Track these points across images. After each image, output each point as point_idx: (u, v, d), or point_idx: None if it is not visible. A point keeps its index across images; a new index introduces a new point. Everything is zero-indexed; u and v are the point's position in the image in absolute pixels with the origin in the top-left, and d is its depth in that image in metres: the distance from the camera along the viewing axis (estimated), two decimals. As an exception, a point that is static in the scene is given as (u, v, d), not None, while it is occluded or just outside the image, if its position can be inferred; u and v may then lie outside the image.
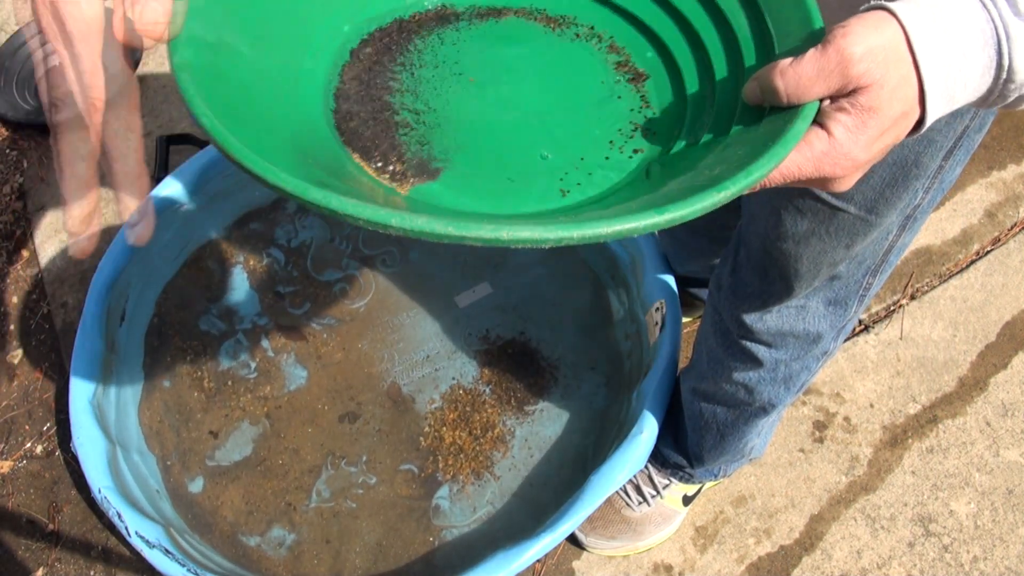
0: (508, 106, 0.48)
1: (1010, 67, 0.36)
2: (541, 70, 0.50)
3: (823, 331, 0.78)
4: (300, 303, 1.28)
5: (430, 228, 0.31)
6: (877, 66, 0.35)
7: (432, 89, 0.49)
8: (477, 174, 0.44)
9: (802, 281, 0.71)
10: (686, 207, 0.33)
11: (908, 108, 0.37)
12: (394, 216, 0.31)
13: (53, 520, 1.16)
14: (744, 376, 0.85)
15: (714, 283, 0.84)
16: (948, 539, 1.10)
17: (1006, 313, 1.28)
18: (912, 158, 0.58)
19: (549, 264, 1.29)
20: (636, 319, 1.17)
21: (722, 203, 0.34)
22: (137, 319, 1.24)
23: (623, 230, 0.32)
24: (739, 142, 0.40)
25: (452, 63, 0.50)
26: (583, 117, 0.47)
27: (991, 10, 0.36)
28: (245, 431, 1.17)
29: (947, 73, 0.36)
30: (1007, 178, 1.43)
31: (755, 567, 1.10)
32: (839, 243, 0.65)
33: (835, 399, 1.22)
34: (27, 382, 1.28)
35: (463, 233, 0.31)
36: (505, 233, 0.31)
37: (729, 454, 0.98)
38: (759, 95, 0.40)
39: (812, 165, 0.37)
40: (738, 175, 0.34)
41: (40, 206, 1.45)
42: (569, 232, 0.31)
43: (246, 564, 1.08)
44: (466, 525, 1.09)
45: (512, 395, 1.18)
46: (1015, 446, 1.17)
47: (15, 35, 1.59)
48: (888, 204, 0.61)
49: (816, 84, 0.37)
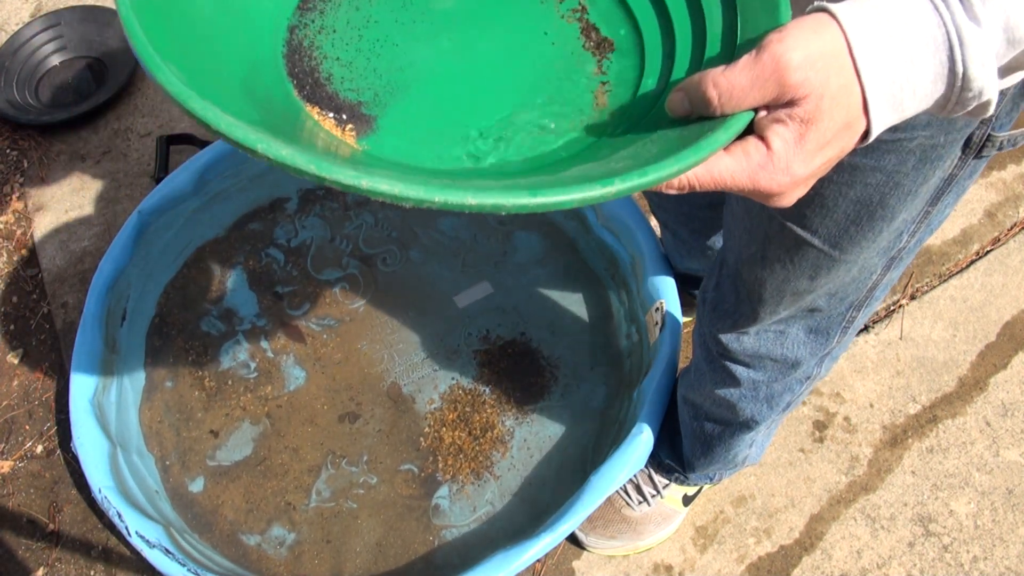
0: (458, 56, 0.47)
1: (965, 75, 0.34)
2: (506, 26, 0.49)
3: (802, 358, 0.76)
4: (299, 304, 1.28)
5: (373, 186, 0.30)
6: (816, 74, 0.33)
7: (385, 34, 0.48)
8: (414, 123, 0.43)
9: (766, 307, 0.70)
10: (562, 194, 0.32)
11: (851, 118, 0.35)
12: (339, 171, 0.31)
13: (53, 520, 1.16)
14: (725, 392, 0.83)
15: (700, 295, 0.83)
16: (948, 539, 1.10)
17: (1006, 313, 1.28)
18: (877, 198, 0.55)
19: (549, 264, 1.29)
20: (636, 319, 1.17)
21: (605, 199, 0.33)
22: (138, 319, 1.24)
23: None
24: (657, 141, 0.38)
25: (417, 9, 0.49)
26: (531, 77, 0.46)
27: (943, 13, 0.33)
28: (245, 431, 1.18)
29: (892, 80, 0.34)
30: (1007, 178, 1.43)
31: (755, 567, 1.10)
32: (802, 274, 0.64)
33: (835, 399, 1.22)
34: (27, 382, 1.28)
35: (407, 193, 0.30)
36: (472, 198, 0.31)
37: (719, 463, 0.98)
38: (686, 107, 0.37)
39: (747, 176, 0.35)
40: (631, 174, 0.33)
41: (40, 206, 1.45)
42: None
43: (246, 564, 1.08)
44: (466, 525, 1.09)
45: (512, 395, 1.18)
46: (1015, 446, 1.17)
47: (15, 35, 1.59)
48: (853, 242, 0.59)
49: (750, 94, 0.34)
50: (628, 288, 1.21)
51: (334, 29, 0.48)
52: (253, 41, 0.45)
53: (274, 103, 0.43)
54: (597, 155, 0.41)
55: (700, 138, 0.34)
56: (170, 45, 0.37)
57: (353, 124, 0.44)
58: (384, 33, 0.48)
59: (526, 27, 0.49)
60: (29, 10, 1.70)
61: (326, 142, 0.42)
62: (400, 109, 0.45)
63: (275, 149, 0.31)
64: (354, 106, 0.45)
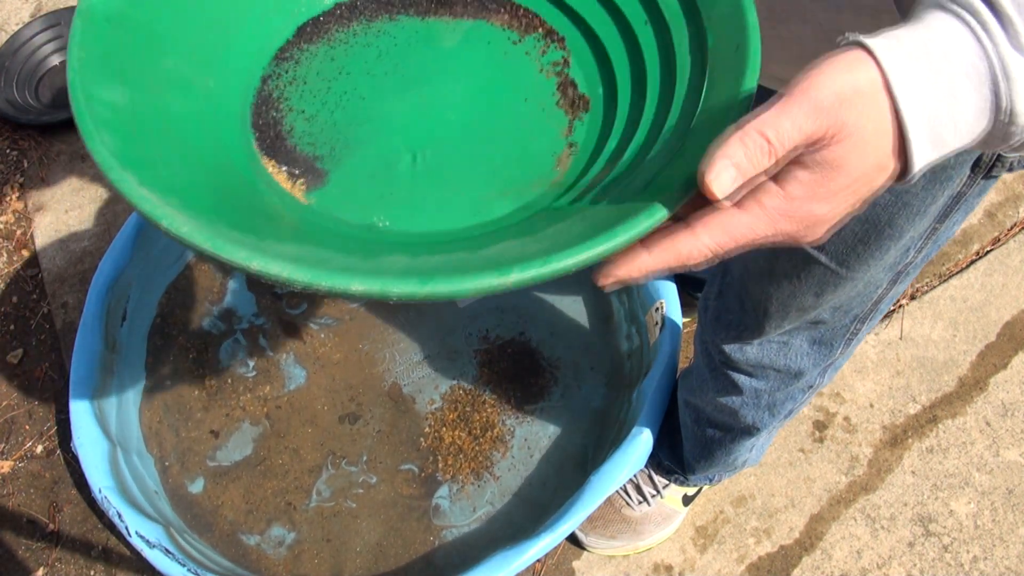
0: (424, 112, 0.45)
1: (1011, 110, 0.31)
2: (476, 78, 0.47)
3: (805, 368, 0.76)
4: (297, 303, 1.28)
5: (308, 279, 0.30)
6: (849, 115, 0.31)
7: (353, 86, 0.47)
8: (363, 180, 0.43)
9: (771, 321, 0.69)
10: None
11: (882, 161, 0.32)
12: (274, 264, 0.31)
13: (53, 520, 1.16)
14: (727, 399, 0.83)
15: (702, 303, 0.83)
16: (948, 539, 1.10)
17: (1006, 313, 1.28)
18: (885, 218, 0.54)
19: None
20: (636, 319, 1.17)
21: (502, 289, 0.31)
22: (139, 319, 1.24)
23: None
24: (588, 217, 0.36)
25: (385, 60, 0.48)
26: (496, 136, 0.44)
27: (985, 43, 0.31)
28: (245, 431, 1.18)
29: (934, 116, 0.32)
30: (1007, 178, 1.43)
31: (755, 567, 1.10)
32: (808, 290, 0.63)
33: (835, 399, 1.22)
34: (27, 382, 1.28)
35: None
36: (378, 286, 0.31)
37: (719, 467, 0.98)
38: (731, 174, 0.32)
39: (767, 226, 0.33)
40: (532, 262, 0.31)
41: (40, 206, 1.45)
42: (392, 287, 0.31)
43: (246, 564, 1.08)
44: (466, 525, 1.09)
45: (512, 395, 1.18)
46: (1015, 446, 1.17)
47: (15, 35, 1.59)
48: (860, 260, 0.59)
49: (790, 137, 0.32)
50: (628, 288, 1.21)
51: (305, 80, 0.47)
52: (225, 93, 0.45)
53: (234, 156, 0.42)
54: (533, 228, 0.38)
55: (615, 224, 0.32)
56: (128, 106, 0.37)
57: (305, 179, 0.43)
58: (353, 85, 0.47)
59: (502, 81, 0.47)
60: (29, 10, 1.70)
61: (270, 199, 0.41)
62: (352, 165, 0.44)
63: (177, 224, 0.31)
64: (309, 160, 0.44)
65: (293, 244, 0.35)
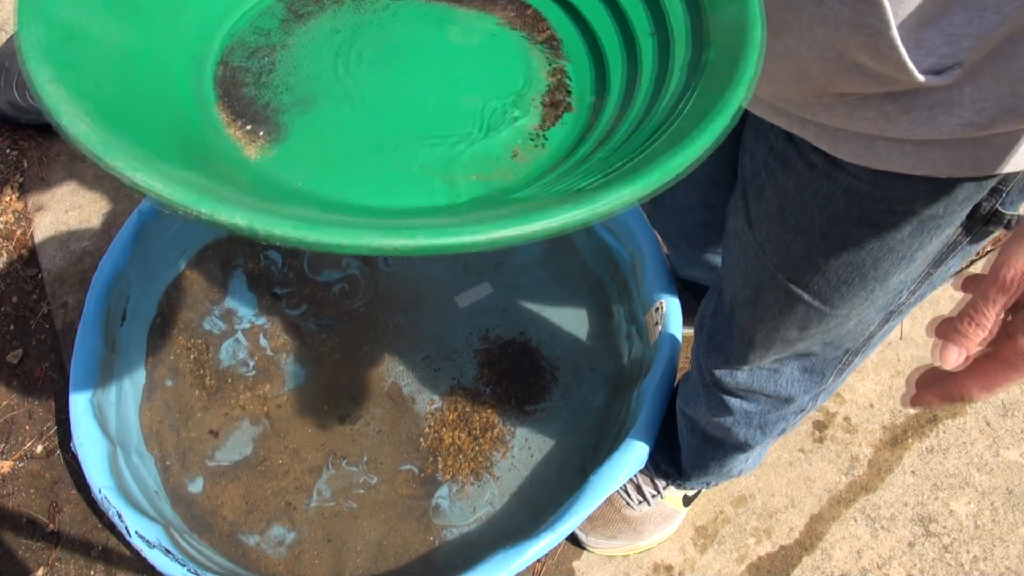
0: (400, 84, 0.44)
1: None
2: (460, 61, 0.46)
3: (796, 395, 0.76)
4: (297, 304, 1.28)
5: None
6: None
7: (344, 48, 0.45)
8: (325, 140, 0.41)
9: (755, 351, 0.70)
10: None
11: None
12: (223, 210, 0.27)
13: (53, 520, 1.16)
14: (719, 418, 0.83)
15: (698, 320, 0.82)
16: (948, 539, 1.10)
17: (1006, 313, 1.28)
18: (870, 261, 0.55)
19: (549, 265, 1.29)
20: (636, 319, 1.17)
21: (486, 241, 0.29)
22: (139, 319, 1.24)
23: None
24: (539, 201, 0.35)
25: (359, 37, 0.46)
26: (470, 115, 0.43)
27: None
28: (245, 431, 1.18)
29: None
30: (1007, 178, 1.43)
31: (755, 567, 1.10)
32: (792, 324, 0.64)
33: (835, 399, 1.22)
34: (27, 382, 1.28)
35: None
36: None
37: (713, 475, 0.99)
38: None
39: None
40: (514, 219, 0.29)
41: (40, 206, 1.45)
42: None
43: (246, 564, 1.08)
44: (466, 525, 1.09)
45: (512, 395, 1.18)
46: (1015, 446, 1.17)
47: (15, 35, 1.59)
48: (844, 300, 0.59)
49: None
50: (628, 289, 1.21)
51: (287, 45, 0.46)
52: (193, 33, 0.43)
53: (184, 98, 0.41)
54: (495, 205, 0.37)
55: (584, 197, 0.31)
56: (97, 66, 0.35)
57: (264, 131, 0.41)
58: (333, 48, 0.46)
59: (491, 72, 0.46)
60: (29, 10, 1.70)
61: (223, 149, 0.40)
62: (310, 128, 0.42)
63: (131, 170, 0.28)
64: (268, 113, 0.42)
65: (235, 190, 0.33)
